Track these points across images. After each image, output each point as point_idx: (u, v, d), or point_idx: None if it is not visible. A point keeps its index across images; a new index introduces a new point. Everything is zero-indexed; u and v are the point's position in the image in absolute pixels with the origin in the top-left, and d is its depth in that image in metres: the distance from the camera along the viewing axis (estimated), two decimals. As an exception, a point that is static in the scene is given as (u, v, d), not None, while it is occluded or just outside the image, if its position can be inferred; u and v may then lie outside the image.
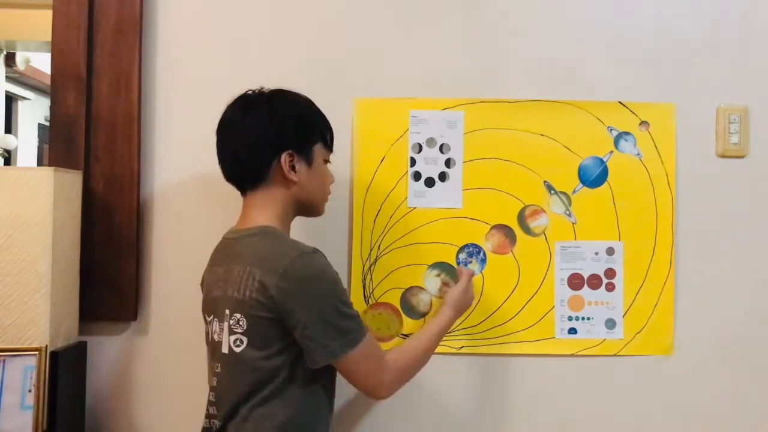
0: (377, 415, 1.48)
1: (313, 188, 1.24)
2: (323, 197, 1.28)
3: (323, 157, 1.26)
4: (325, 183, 1.28)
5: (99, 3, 1.46)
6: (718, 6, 1.52)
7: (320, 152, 1.25)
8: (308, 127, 1.23)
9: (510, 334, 1.48)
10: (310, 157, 1.22)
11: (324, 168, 1.27)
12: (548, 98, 1.50)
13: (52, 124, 1.46)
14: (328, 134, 1.27)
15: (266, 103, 1.22)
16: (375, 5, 1.51)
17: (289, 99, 1.24)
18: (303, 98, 1.26)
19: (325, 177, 1.28)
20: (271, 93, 1.24)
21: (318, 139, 1.24)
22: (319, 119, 1.26)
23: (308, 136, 1.23)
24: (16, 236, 1.25)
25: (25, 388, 1.21)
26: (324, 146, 1.26)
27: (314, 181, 1.24)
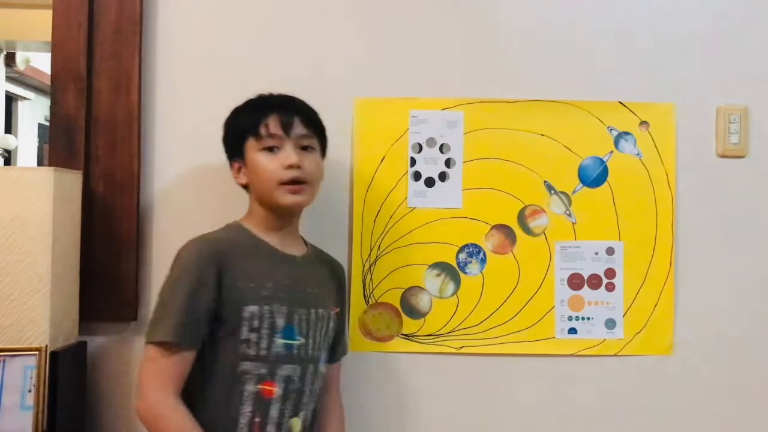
0: (377, 414, 1.48)
1: (256, 183, 1.23)
2: (268, 188, 1.21)
3: (261, 147, 1.22)
4: (264, 173, 1.21)
5: (99, 3, 1.46)
6: (718, 6, 1.52)
7: (253, 146, 1.23)
8: (232, 135, 1.27)
9: (510, 334, 1.48)
10: (244, 157, 1.24)
11: (259, 158, 1.22)
12: (548, 98, 1.50)
13: (52, 124, 1.45)
14: (261, 123, 1.22)
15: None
16: (375, 5, 1.51)
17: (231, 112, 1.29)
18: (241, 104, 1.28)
19: (263, 167, 1.22)
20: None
21: (246, 137, 1.23)
22: (240, 119, 1.27)
23: (236, 142, 1.25)
24: (16, 236, 1.25)
25: (25, 388, 1.21)
26: (256, 139, 1.22)
27: (254, 177, 1.23)
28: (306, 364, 1.22)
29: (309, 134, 1.26)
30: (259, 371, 1.17)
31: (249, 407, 1.16)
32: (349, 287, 1.48)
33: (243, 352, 1.16)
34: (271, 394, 1.17)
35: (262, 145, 1.22)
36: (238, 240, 1.23)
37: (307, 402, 1.23)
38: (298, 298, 1.22)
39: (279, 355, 1.18)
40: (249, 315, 1.16)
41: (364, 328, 1.48)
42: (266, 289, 1.19)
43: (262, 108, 1.25)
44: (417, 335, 1.48)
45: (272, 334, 1.18)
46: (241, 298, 1.17)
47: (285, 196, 1.21)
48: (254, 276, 1.19)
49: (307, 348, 1.22)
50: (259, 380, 1.17)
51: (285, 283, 1.21)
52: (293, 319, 1.20)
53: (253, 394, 1.16)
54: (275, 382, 1.18)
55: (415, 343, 1.48)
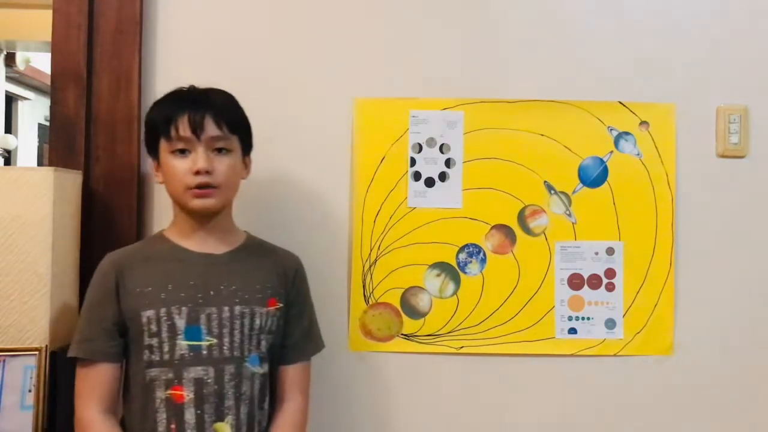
0: (377, 414, 1.48)
1: (168, 185, 1.21)
2: (178, 191, 1.19)
3: (169, 149, 1.18)
4: (173, 175, 1.18)
5: (99, 3, 1.46)
6: (718, 6, 1.52)
7: (164, 147, 1.19)
8: (148, 133, 1.24)
9: (510, 334, 1.48)
10: (158, 156, 1.22)
11: (169, 161, 1.18)
12: (548, 98, 1.50)
13: (52, 124, 1.45)
14: (171, 123, 1.17)
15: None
16: (375, 5, 1.51)
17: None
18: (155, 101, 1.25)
19: (171, 170, 1.18)
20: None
21: (159, 137, 1.19)
22: (155, 116, 1.22)
23: (151, 141, 1.23)
24: (16, 236, 1.25)
25: (25, 388, 1.21)
26: (165, 139, 1.18)
27: (167, 178, 1.21)
28: (221, 365, 1.16)
29: (223, 135, 1.19)
30: (166, 376, 1.15)
31: (163, 414, 1.14)
32: (349, 287, 1.48)
33: (148, 359, 1.15)
34: (182, 399, 1.14)
35: (172, 147, 1.18)
36: (148, 248, 1.25)
37: (236, 405, 1.17)
38: (206, 297, 1.18)
39: (184, 358, 1.15)
40: (146, 320, 1.15)
41: (364, 328, 1.48)
42: (165, 291, 1.17)
43: (174, 106, 1.20)
44: (417, 335, 1.48)
45: (173, 336, 1.15)
46: (139, 304, 1.16)
47: (193, 201, 1.18)
48: (153, 281, 1.17)
49: (222, 348, 1.17)
50: (168, 385, 1.14)
51: (191, 283, 1.18)
52: (199, 319, 1.16)
53: (164, 400, 1.14)
54: (183, 386, 1.14)
55: (415, 343, 1.48)
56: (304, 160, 1.49)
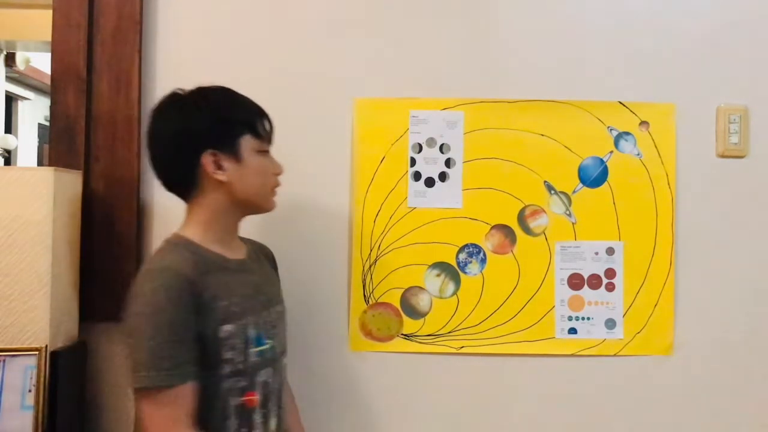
0: (377, 415, 1.48)
1: (248, 184, 1.16)
2: (263, 192, 1.19)
3: (256, 149, 1.16)
4: (262, 176, 1.18)
5: (99, 3, 1.46)
6: (718, 6, 1.52)
7: (249, 144, 1.15)
8: (225, 121, 1.14)
9: (510, 334, 1.48)
10: (237, 152, 1.14)
11: (259, 160, 1.17)
12: (548, 98, 1.50)
13: (52, 124, 1.45)
14: (259, 123, 1.17)
15: (176, 106, 1.16)
16: (375, 5, 1.51)
17: (201, 97, 1.16)
18: (220, 92, 1.18)
19: (262, 169, 1.18)
20: (183, 94, 1.17)
21: (244, 131, 1.15)
22: (239, 110, 1.17)
23: (227, 131, 1.14)
24: (16, 236, 1.25)
25: (25, 388, 1.21)
26: (254, 137, 1.16)
27: (248, 178, 1.15)
28: (275, 364, 1.19)
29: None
30: (240, 384, 1.11)
31: (236, 420, 1.11)
32: (349, 287, 1.48)
33: (224, 372, 1.09)
34: (254, 403, 1.13)
35: (259, 146, 1.17)
36: (197, 260, 1.12)
37: (281, 398, 1.21)
38: (260, 303, 1.18)
39: (255, 364, 1.14)
40: (226, 335, 1.09)
41: (364, 328, 1.48)
42: (234, 304, 1.12)
43: (257, 108, 1.20)
44: (417, 335, 1.48)
45: (247, 347, 1.12)
46: (216, 319, 1.09)
47: (273, 201, 1.22)
48: (221, 294, 1.11)
49: (274, 348, 1.18)
50: (242, 393, 1.11)
51: (247, 293, 1.16)
52: (260, 326, 1.16)
53: (237, 407, 1.11)
54: (255, 391, 1.14)
55: (415, 343, 1.48)
56: (304, 160, 1.49)
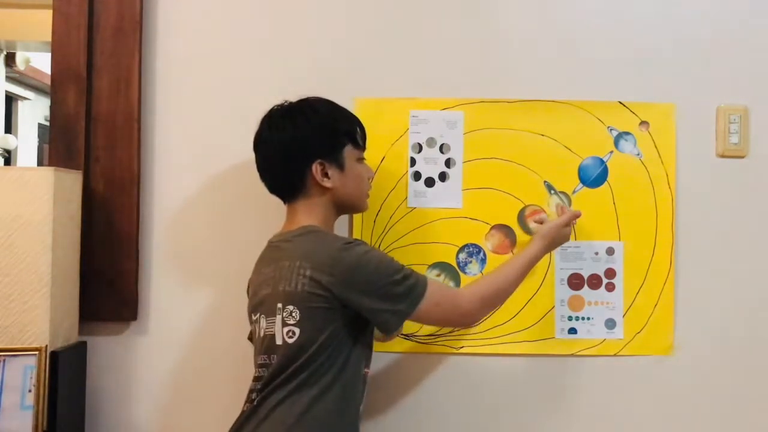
0: (377, 415, 1.48)
1: (350, 190, 1.29)
2: (361, 195, 1.32)
3: (356, 157, 1.30)
4: (361, 182, 1.31)
5: (99, 3, 1.46)
6: (719, 6, 1.52)
7: (351, 153, 1.28)
8: (332, 134, 1.27)
9: (510, 334, 1.48)
10: (341, 161, 1.27)
11: (358, 167, 1.30)
12: (548, 98, 1.50)
13: (52, 124, 1.45)
14: (358, 134, 1.30)
15: (289, 117, 1.28)
16: (375, 5, 1.51)
17: (311, 109, 1.28)
18: (325, 104, 1.30)
19: (361, 176, 1.31)
20: (294, 105, 1.29)
21: (346, 142, 1.28)
22: (343, 122, 1.30)
23: (334, 142, 1.27)
24: (16, 236, 1.25)
25: (25, 388, 1.21)
26: (354, 147, 1.29)
27: (350, 184, 1.28)
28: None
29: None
30: (365, 356, 1.26)
31: (362, 387, 1.25)
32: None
33: (364, 342, 1.25)
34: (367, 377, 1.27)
35: (358, 154, 1.30)
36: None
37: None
38: None
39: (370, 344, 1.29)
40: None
41: (364, 328, 1.48)
42: None
43: (355, 119, 1.32)
44: (417, 335, 1.48)
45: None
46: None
47: (367, 203, 1.35)
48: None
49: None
50: (367, 364, 1.26)
51: None
52: None
53: (364, 376, 1.25)
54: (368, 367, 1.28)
55: (415, 343, 1.48)
56: (304, 160, 1.49)
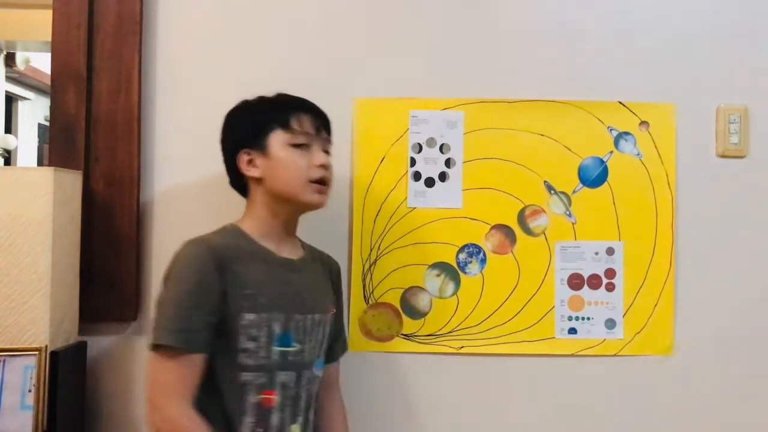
0: (377, 415, 1.48)
1: (280, 177, 1.19)
2: (296, 182, 1.19)
3: (288, 142, 1.20)
4: (292, 167, 1.19)
5: (99, 3, 1.46)
6: (719, 6, 1.52)
7: (280, 138, 1.19)
8: (254, 121, 1.22)
9: (510, 334, 1.48)
10: (265, 148, 1.19)
11: (288, 153, 1.19)
12: (548, 98, 1.50)
13: (52, 124, 1.45)
14: (292, 117, 1.20)
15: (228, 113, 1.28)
16: (375, 5, 1.51)
17: (240, 103, 1.27)
18: (257, 97, 1.26)
19: (291, 162, 1.19)
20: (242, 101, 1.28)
21: (274, 126, 1.20)
22: (269, 108, 1.23)
23: (257, 129, 1.21)
24: (16, 236, 1.25)
25: (25, 388, 1.21)
26: (285, 130, 1.20)
27: (277, 170, 1.19)
28: (301, 370, 1.19)
29: (330, 140, 1.28)
30: (259, 381, 1.13)
31: (251, 418, 1.13)
32: (348, 287, 1.48)
33: (242, 363, 1.12)
34: (272, 403, 1.14)
35: (292, 140, 1.20)
36: (237, 245, 1.18)
37: (304, 407, 1.21)
38: (294, 304, 1.19)
39: (276, 363, 1.15)
40: (247, 323, 1.13)
41: (364, 328, 1.48)
42: (263, 296, 1.15)
43: (293, 104, 1.24)
44: (417, 335, 1.48)
45: (270, 342, 1.14)
46: (240, 305, 1.12)
47: (312, 195, 1.20)
48: (252, 283, 1.15)
49: (303, 354, 1.19)
50: (260, 390, 1.13)
51: (282, 289, 1.18)
52: (290, 326, 1.17)
53: (254, 404, 1.13)
54: (275, 390, 1.15)
55: (415, 343, 1.48)
56: (304, 160, 1.49)
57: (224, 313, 1.12)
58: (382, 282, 1.48)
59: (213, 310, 1.11)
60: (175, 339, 1.08)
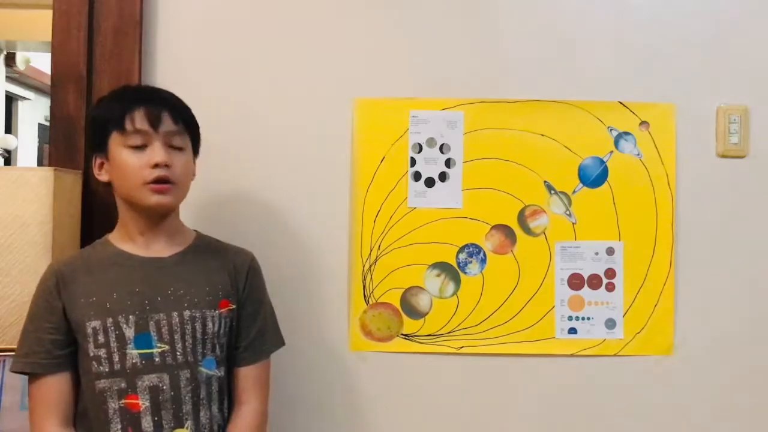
0: (377, 415, 1.48)
1: (119, 181, 1.16)
2: (132, 187, 1.14)
3: (123, 144, 1.14)
4: (126, 171, 1.14)
5: (99, 3, 1.46)
6: (719, 6, 1.52)
7: (116, 140, 1.14)
8: (95, 126, 1.18)
9: (510, 334, 1.48)
10: (107, 151, 1.16)
11: (123, 155, 1.14)
12: (548, 98, 1.50)
13: (52, 124, 1.45)
14: (126, 117, 1.13)
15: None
16: (375, 5, 1.51)
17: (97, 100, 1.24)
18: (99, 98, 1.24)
19: (125, 164, 1.13)
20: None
21: (112, 128, 1.14)
22: (104, 111, 1.17)
23: (98, 134, 1.17)
24: (16, 236, 1.25)
25: (25, 388, 1.21)
26: (121, 133, 1.13)
27: (116, 174, 1.15)
28: (176, 371, 1.13)
29: (179, 131, 1.18)
30: (118, 386, 1.11)
31: (118, 424, 1.11)
32: (349, 287, 1.48)
33: (97, 370, 1.11)
34: (137, 408, 1.11)
35: (127, 142, 1.13)
36: (92, 255, 1.19)
37: (194, 410, 1.14)
38: (153, 303, 1.14)
39: (137, 367, 1.12)
40: (92, 331, 1.12)
41: (364, 328, 1.48)
42: (110, 300, 1.13)
43: (127, 100, 1.16)
44: (417, 335, 1.48)
45: (122, 346, 1.12)
46: (83, 315, 1.12)
47: (150, 197, 1.14)
48: (97, 290, 1.14)
49: (175, 354, 1.14)
50: (121, 395, 1.11)
51: (136, 290, 1.14)
52: (148, 326, 1.13)
53: (118, 410, 1.11)
54: (138, 395, 1.11)
55: (415, 343, 1.48)
56: (304, 160, 1.49)
57: (71, 326, 1.13)
58: (382, 282, 1.48)
59: (57, 329, 1.13)
60: (23, 365, 1.13)
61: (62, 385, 1.13)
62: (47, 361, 1.13)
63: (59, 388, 1.13)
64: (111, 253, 1.18)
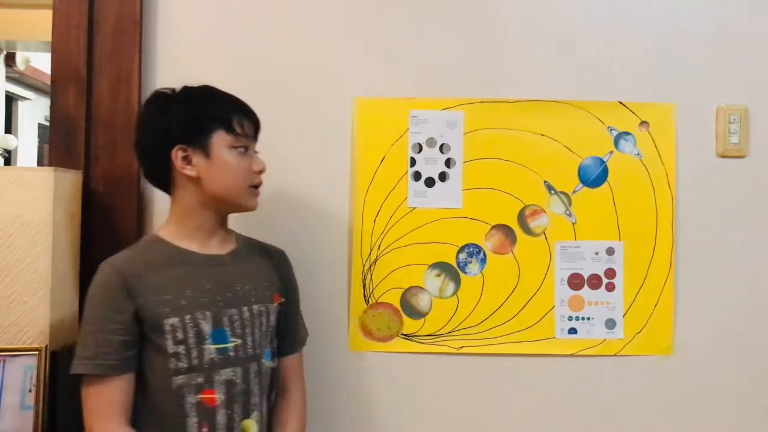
0: (377, 414, 1.48)
1: (220, 180, 1.17)
2: (237, 188, 1.20)
3: (229, 145, 1.18)
4: (234, 173, 1.18)
5: (99, 3, 1.46)
6: (719, 6, 1.52)
7: (221, 140, 1.17)
8: (198, 117, 1.17)
9: (510, 334, 1.48)
10: (206, 147, 1.16)
11: (231, 156, 1.18)
12: (548, 98, 1.50)
13: (52, 124, 1.45)
14: (235, 120, 1.18)
15: (157, 100, 1.22)
16: (375, 5, 1.51)
17: (183, 92, 1.20)
18: (200, 89, 1.21)
19: (235, 166, 1.18)
20: (170, 89, 1.22)
21: (217, 126, 1.17)
22: (214, 105, 1.19)
23: (199, 126, 1.17)
24: (16, 236, 1.25)
25: (25, 388, 1.21)
26: (228, 132, 1.17)
27: (218, 173, 1.17)
28: (247, 364, 1.18)
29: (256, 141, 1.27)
30: (196, 381, 1.13)
31: (195, 418, 1.13)
32: (349, 287, 1.48)
33: (174, 367, 1.13)
34: (214, 402, 1.14)
35: (234, 142, 1.18)
36: (150, 254, 1.19)
37: (259, 401, 1.19)
38: (225, 299, 1.18)
39: (214, 361, 1.15)
40: (170, 328, 1.13)
41: (364, 328, 1.48)
42: (185, 297, 1.15)
43: (234, 105, 1.21)
44: (417, 335, 1.48)
45: (201, 341, 1.14)
46: (159, 312, 1.13)
47: (253, 200, 1.23)
48: (169, 288, 1.15)
49: (246, 347, 1.18)
50: (198, 390, 1.13)
51: (207, 287, 1.17)
52: (222, 321, 1.16)
53: (195, 405, 1.13)
54: (215, 389, 1.14)
55: (415, 343, 1.48)
56: (304, 160, 1.49)
57: (146, 324, 1.13)
58: (382, 282, 1.48)
59: (126, 330, 1.12)
60: (88, 367, 1.11)
61: (128, 385, 1.13)
62: (116, 362, 1.11)
63: (125, 388, 1.13)
64: (171, 251, 1.19)
